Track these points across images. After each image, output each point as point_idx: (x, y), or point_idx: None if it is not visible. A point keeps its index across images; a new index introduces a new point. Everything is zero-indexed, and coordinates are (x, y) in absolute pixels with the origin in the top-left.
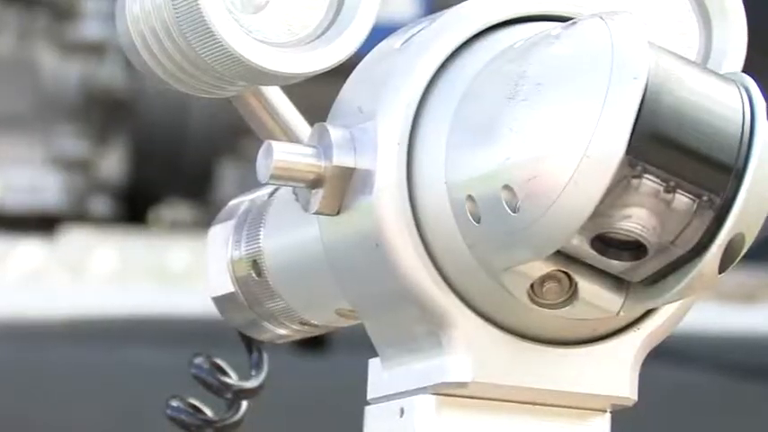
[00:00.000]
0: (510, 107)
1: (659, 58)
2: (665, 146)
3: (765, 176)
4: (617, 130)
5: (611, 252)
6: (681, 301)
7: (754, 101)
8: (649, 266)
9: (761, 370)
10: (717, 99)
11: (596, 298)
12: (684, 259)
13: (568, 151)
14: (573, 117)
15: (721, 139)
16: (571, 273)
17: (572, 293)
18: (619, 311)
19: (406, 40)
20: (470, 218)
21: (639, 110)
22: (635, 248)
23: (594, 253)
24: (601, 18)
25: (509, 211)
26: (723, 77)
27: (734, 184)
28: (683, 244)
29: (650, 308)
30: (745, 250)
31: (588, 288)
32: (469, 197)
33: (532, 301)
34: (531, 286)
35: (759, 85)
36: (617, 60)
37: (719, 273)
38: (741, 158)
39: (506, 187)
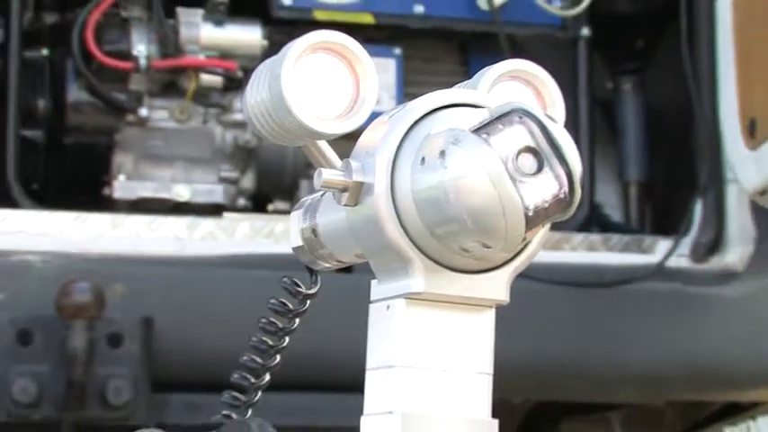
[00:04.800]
0: (442, 155)
1: None
2: None
3: None
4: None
5: None
6: (530, 253)
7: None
8: None
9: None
10: None
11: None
12: None
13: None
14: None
15: None
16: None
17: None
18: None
19: (390, 117)
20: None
21: None
22: None
23: None
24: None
25: (438, 163)
26: None
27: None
28: None
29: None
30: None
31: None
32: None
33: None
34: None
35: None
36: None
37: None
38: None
39: (441, 153)
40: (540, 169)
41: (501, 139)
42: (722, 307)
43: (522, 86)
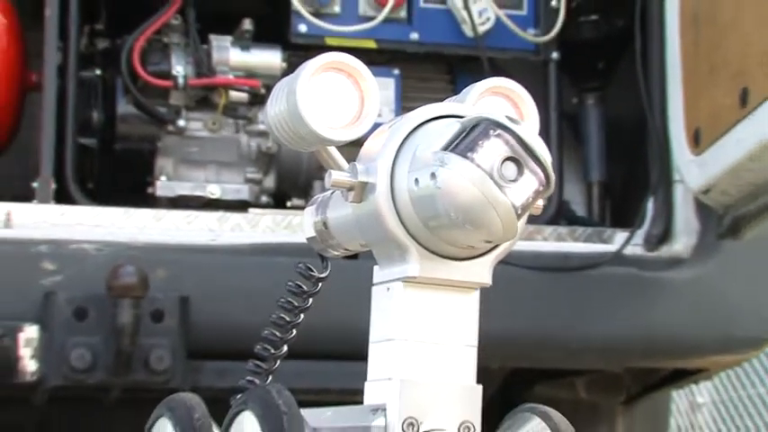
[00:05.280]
0: (433, 177)
1: None
2: None
3: None
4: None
5: None
6: (508, 244)
7: None
8: None
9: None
10: None
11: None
12: None
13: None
14: None
15: None
16: None
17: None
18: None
19: (390, 126)
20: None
21: None
22: None
23: None
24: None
25: (431, 184)
26: None
27: None
28: None
29: None
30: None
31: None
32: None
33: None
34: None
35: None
36: None
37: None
38: None
39: (432, 175)
40: (520, 172)
41: (483, 155)
42: (670, 288)
43: (503, 101)
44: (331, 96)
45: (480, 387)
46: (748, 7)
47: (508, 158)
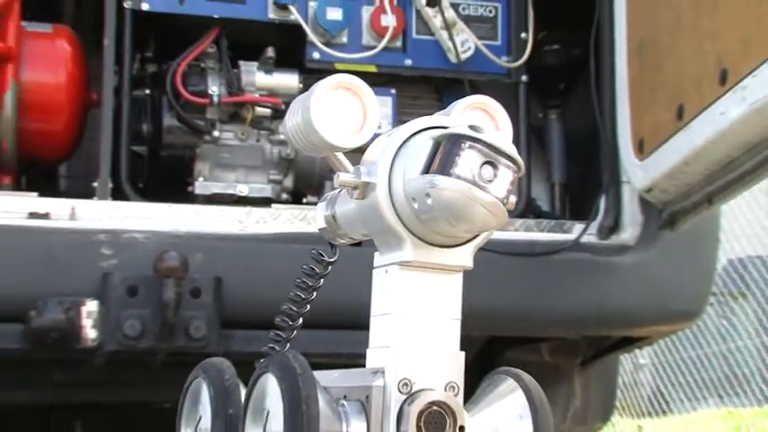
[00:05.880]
0: (428, 197)
1: None
2: None
3: None
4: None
5: None
6: (486, 234)
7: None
8: None
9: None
10: None
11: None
12: None
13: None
14: None
15: None
16: None
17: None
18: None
19: (388, 135)
20: (412, 202)
21: None
22: None
23: None
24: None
25: (427, 202)
26: None
27: None
28: None
29: None
30: None
31: None
32: (412, 197)
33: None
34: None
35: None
36: None
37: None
38: None
39: (426, 194)
40: (496, 170)
41: (462, 168)
42: (619, 271)
43: (481, 114)
44: (339, 111)
45: (463, 353)
46: (683, 37)
47: (484, 163)
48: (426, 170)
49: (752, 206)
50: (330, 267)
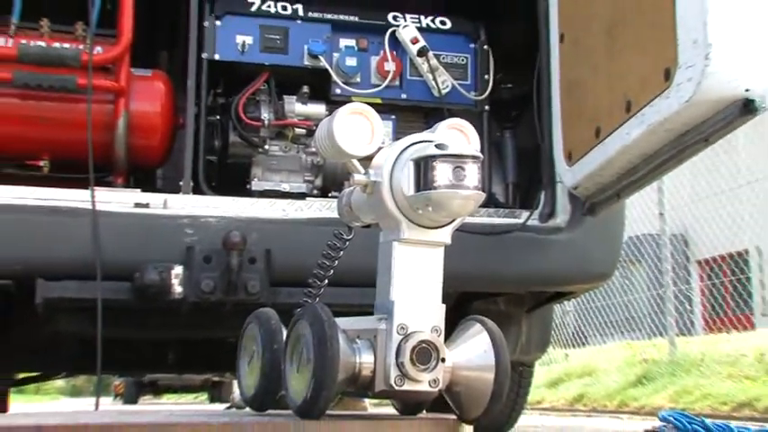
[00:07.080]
0: (427, 207)
1: None
2: None
3: None
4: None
5: None
6: (460, 220)
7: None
8: None
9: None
10: None
11: (440, 222)
12: None
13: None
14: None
15: None
16: None
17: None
18: (448, 224)
19: (390, 146)
20: (409, 196)
21: None
22: None
23: None
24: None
25: (428, 209)
26: None
27: None
28: None
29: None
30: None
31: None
32: (416, 207)
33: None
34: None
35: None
36: None
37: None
38: None
39: (426, 205)
40: (465, 168)
41: (441, 179)
42: (554, 246)
43: (457, 132)
44: (354, 129)
45: (444, 305)
46: (599, 78)
47: (454, 168)
48: (418, 188)
49: (644, 198)
50: (348, 243)
